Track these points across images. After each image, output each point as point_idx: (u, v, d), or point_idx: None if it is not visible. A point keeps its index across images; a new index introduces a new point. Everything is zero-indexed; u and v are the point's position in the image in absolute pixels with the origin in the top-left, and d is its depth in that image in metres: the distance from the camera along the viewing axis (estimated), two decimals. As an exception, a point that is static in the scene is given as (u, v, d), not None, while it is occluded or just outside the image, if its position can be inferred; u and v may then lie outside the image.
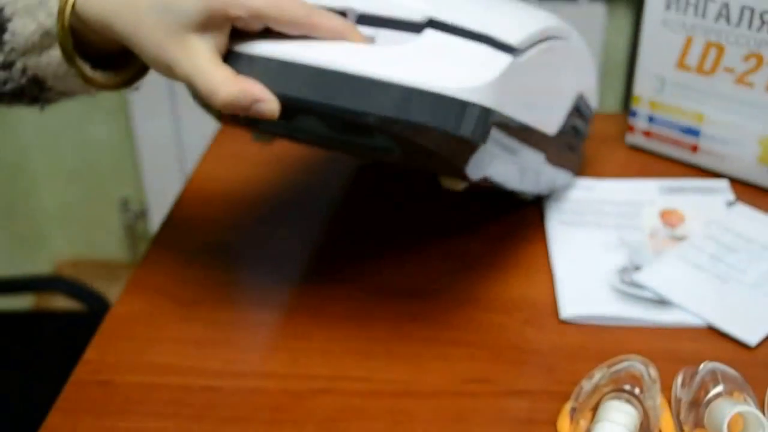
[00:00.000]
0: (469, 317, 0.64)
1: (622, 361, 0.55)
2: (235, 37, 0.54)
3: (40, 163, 1.93)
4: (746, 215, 0.74)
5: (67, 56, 0.54)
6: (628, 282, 0.66)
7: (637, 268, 0.68)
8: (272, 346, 0.61)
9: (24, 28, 0.53)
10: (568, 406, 0.55)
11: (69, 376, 0.59)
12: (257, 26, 0.52)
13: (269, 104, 0.51)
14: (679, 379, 0.56)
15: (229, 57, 0.54)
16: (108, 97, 1.69)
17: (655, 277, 0.66)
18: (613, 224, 0.73)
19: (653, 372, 0.54)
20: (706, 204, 0.75)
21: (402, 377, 0.59)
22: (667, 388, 0.56)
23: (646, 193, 0.77)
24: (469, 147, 0.54)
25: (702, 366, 0.54)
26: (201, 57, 0.50)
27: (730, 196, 0.76)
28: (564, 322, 0.63)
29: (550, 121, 0.66)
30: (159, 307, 0.65)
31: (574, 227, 0.73)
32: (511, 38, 0.55)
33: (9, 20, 0.53)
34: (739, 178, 0.79)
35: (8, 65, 0.54)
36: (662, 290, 0.65)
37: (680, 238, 0.71)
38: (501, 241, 0.73)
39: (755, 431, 0.48)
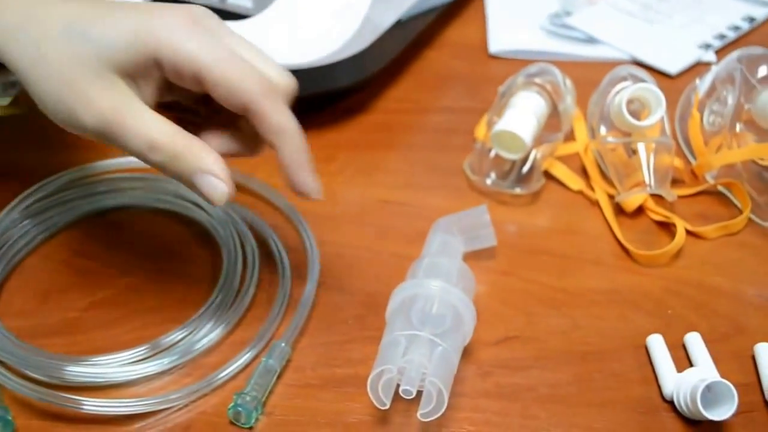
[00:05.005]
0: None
1: (537, 66, 0.56)
2: None
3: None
4: (682, -27, 0.74)
5: None
6: (558, 24, 0.67)
7: (568, 14, 0.69)
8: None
9: None
10: (486, 117, 0.57)
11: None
12: (192, 87, 0.38)
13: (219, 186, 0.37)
14: (594, 95, 0.57)
15: None
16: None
17: (585, 20, 0.68)
18: (550, -18, 0.73)
19: (569, 82, 0.56)
20: (644, -35, 0.76)
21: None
22: (585, 110, 0.58)
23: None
24: None
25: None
26: (127, 96, 0.37)
27: (669, -41, 0.77)
28: (492, 57, 0.65)
29: None
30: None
31: (511, -17, 0.73)
32: None
33: None
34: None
35: None
36: (591, 30, 0.66)
37: (615, -6, 0.72)
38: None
39: (656, 109, 0.49)
